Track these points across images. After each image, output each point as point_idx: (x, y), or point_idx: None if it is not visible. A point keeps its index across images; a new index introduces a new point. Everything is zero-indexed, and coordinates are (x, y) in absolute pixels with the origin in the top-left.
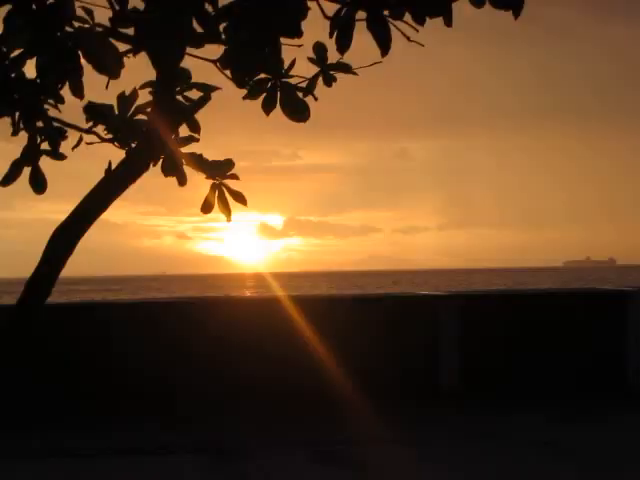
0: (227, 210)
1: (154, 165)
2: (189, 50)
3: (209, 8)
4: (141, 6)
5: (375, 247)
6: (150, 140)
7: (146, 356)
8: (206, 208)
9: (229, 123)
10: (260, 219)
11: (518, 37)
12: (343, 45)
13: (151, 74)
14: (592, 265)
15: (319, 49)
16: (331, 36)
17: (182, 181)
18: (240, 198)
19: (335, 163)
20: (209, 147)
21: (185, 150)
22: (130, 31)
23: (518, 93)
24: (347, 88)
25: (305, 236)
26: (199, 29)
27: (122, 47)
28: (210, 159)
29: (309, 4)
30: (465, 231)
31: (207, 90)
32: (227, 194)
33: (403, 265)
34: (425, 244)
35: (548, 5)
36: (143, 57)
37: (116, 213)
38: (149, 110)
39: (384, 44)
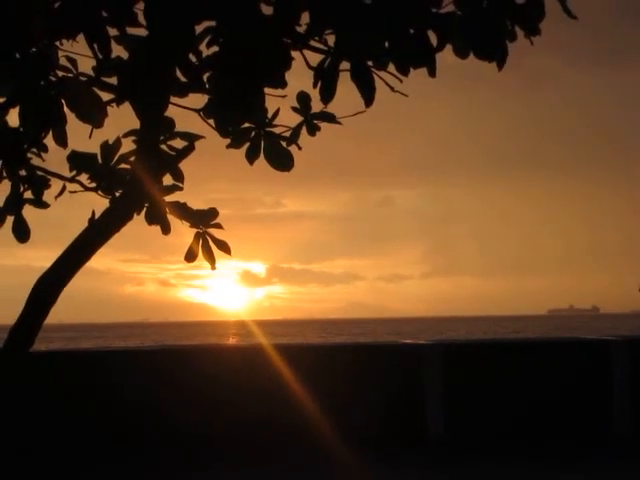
0: (211, 259)
1: (138, 214)
2: (173, 99)
3: (193, 58)
4: (125, 55)
5: (358, 295)
6: (134, 189)
7: (142, 400)
8: (190, 257)
9: (211, 171)
10: (243, 267)
11: (503, 86)
12: (327, 95)
13: (135, 123)
14: (576, 313)
15: (303, 99)
16: (315, 86)
17: (166, 230)
18: (224, 247)
19: (318, 211)
20: (191, 195)
21: (169, 198)
22: (114, 80)
23: (504, 141)
24: (330, 135)
25: (288, 284)
26: (183, 78)
27: (105, 96)
28: (192, 207)
29: (293, 54)
30: (449, 279)
31: (191, 139)
32: (211, 243)
33: (386, 313)
34: (409, 292)
35: (532, 54)
36: (127, 106)
37: (98, 260)
38: (133, 159)
39: (368, 94)
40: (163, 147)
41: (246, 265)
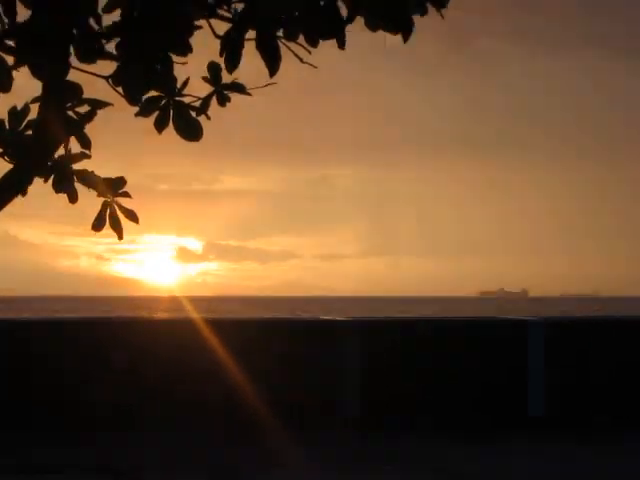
0: (119, 228)
1: (45, 181)
2: (81, 65)
3: (94, 25)
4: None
5: (294, 273)
6: (33, 153)
7: (65, 372)
8: (97, 226)
9: (148, 146)
10: (179, 243)
11: (448, 67)
12: (232, 64)
13: None
14: (505, 296)
15: (213, 68)
16: (221, 55)
17: (73, 199)
18: (132, 216)
19: (256, 188)
20: (129, 170)
21: (77, 166)
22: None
23: (446, 123)
24: (269, 112)
25: (224, 260)
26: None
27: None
28: (129, 181)
29: (202, 23)
30: (385, 259)
31: (97, 106)
32: (119, 212)
33: (322, 292)
34: (345, 271)
35: (479, 36)
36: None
37: (33, 233)
38: (35, 124)
39: (272, 64)
40: (70, 113)
41: (182, 241)
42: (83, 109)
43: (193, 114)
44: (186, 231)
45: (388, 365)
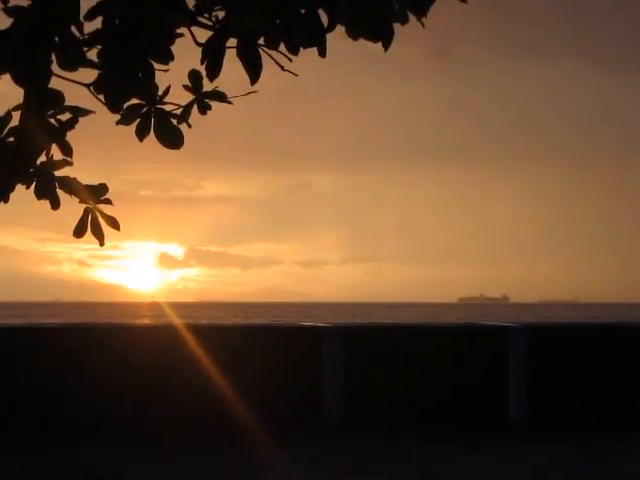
0: (100, 235)
1: (27, 188)
2: (62, 73)
3: (76, 32)
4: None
5: (276, 279)
6: (15, 160)
7: (47, 379)
8: (78, 232)
9: (130, 151)
10: (160, 249)
11: (433, 73)
12: (213, 72)
13: None
14: (486, 302)
15: (194, 76)
16: (202, 63)
17: (55, 205)
18: (113, 223)
19: (238, 194)
20: (110, 176)
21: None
22: None
23: (429, 129)
24: (251, 118)
25: (205, 266)
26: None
27: None
28: (111, 187)
29: (184, 30)
30: (367, 265)
31: (79, 113)
32: (100, 219)
33: (303, 298)
34: (326, 277)
35: (461, 42)
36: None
37: (15, 239)
38: (17, 131)
39: (253, 72)
40: (52, 121)
41: (163, 247)
42: (65, 116)
43: (174, 122)
44: (167, 237)
45: (370, 371)
